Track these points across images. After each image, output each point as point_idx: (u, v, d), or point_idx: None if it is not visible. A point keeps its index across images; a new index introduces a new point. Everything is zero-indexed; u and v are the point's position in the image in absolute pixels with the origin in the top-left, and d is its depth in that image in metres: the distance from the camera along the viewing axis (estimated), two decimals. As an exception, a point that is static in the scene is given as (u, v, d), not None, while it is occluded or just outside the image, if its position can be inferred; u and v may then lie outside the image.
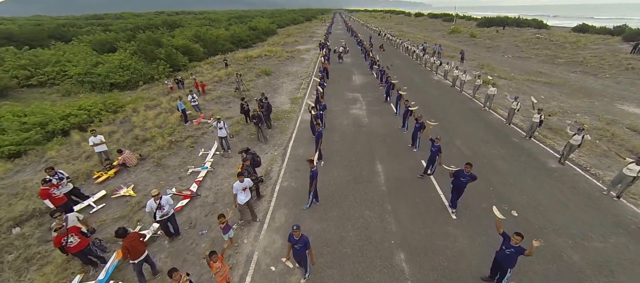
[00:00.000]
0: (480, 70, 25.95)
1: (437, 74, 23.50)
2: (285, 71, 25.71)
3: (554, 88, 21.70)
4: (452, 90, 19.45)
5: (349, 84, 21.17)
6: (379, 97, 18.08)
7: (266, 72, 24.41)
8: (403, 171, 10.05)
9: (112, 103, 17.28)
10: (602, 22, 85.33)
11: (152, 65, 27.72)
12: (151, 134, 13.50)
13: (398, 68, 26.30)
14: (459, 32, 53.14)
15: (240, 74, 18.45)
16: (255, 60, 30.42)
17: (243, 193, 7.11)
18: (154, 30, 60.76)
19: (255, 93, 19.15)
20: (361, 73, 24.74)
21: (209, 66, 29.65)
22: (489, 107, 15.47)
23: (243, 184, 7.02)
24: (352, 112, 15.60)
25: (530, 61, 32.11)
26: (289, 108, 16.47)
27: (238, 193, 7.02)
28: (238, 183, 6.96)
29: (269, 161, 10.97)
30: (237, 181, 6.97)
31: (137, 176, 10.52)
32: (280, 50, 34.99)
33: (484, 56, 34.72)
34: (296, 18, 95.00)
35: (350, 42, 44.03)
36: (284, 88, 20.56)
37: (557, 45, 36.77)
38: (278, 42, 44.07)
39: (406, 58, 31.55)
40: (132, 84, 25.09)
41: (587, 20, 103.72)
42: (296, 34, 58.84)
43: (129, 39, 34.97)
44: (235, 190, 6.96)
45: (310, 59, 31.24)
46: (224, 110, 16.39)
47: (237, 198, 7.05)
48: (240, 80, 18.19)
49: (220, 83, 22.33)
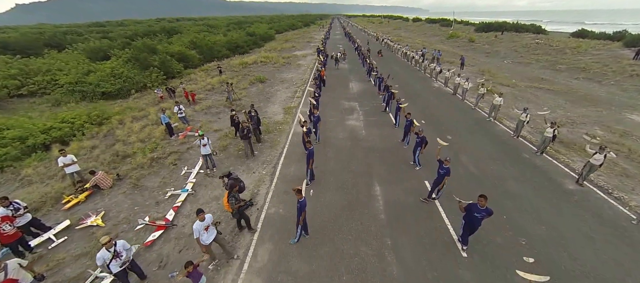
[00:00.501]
0: (481, 76, 24.87)
1: (437, 80, 22.38)
2: (280, 78, 24.59)
3: (559, 96, 20.58)
4: (453, 98, 18.31)
5: (345, 92, 20.04)
6: (377, 106, 16.93)
7: (260, 79, 23.30)
8: (404, 194, 8.87)
9: (96, 115, 16.11)
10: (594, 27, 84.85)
11: (146, 73, 26.64)
12: (133, 149, 12.34)
13: (397, 74, 25.20)
14: (457, 37, 52.18)
15: (230, 83, 17.28)
16: (250, 67, 29.33)
17: (206, 232, 5.93)
18: (152, 37, 60.05)
19: (248, 102, 18.02)
20: (358, 80, 23.63)
21: (203, 73, 28.56)
22: (494, 118, 14.32)
23: (204, 222, 5.85)
24: (348, 123, 14.44)
25: (530, 67, 31.03)
26: (282, 119, 15.31)
27: (200, 234, 5.84)
28: (198, 223, 5.78)
29: (255, 182, 9.78)
30: (197, 220, 5.80)
31: (110, 200, 9.33)
32: (276, 56, 33.92)
33: (484, 62, 33.67)
34: (294, 24, 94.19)
35: (347, 47, 43.04)
36: (277, 96, 19.42)
37: (557, 50, 35.73)
38: (275, 48, 43.06)
39: (405, 64, 30.49)
40: (124, 93, 23.99)
41: (580, 25, 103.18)
42: (294, 39, 57.90)
43: (124, 46, 33.92)
44: (197, 233, 5.77)
45: (307, 65, 30.16)
46: (214, 122, 15.23)
47: (200, 241, 5.87)
48: (231, 89, 17.01)
49: (213, 91, 21.19)
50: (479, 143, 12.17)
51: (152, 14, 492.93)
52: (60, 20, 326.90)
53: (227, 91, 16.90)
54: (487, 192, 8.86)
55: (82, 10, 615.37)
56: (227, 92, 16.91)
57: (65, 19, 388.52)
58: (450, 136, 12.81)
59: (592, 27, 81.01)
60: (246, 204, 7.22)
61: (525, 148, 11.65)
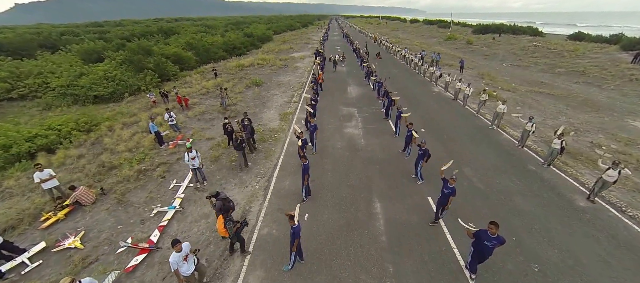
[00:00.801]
0: (480, 79, 24.34)
1: (437, 85, 21.77)
2: (277, 81, 23.90)
3: (559, 101, 20.08)
4: (454, 104, 17.72)
5: (343, 97, 19.40)
6: (376, 112, 16.29)
7: (256, 82, 22.60)
8: (406, 212, 8.25)
9: (85, 122, 15.34)
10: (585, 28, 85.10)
11: (140, 75, 25.86)
12: (120, 159, 11.63)
13: (395, 78, 24.60)
14: (455, 38, 51.71)
15: (224, 88, 16.55)
16: (247, 70, 28.60)
17: (185, 263, 5.28)
18: (149, 37, 59.04)
19: (243, 108, 17.33)
20: (357, 84, 22.99)
21: (199, 76, 27.79)
22: (498, 126, 13.73)
23: (182, 252, 5.20)
24: (346, 131, 13.80)
25: (529, 70, 30.59)
26: (278, 126, 14.64)
27: (179, 266, 5.19)
28: (175, 255, 5.13)
29: (248, 197, 9.12)
30: (174, 252, 5.15)
31: (92, 217, 8.64)
32: (273, 58, 33.21)
33: (482, 64, 33.17)
34: (293, 24, 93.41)
35: (345, 49, 42.40)
36: (273, 101, 18.74)
37: (555, 53, 35.32)
38: (272, 49, 42.34)
39: (404, 67, 29.90)
40: (117, 96, 23.22)
41: (571, 26, 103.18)
42: (292, 40, 57.18)
43: (119, 47, 33.07)
44: (175, 265, 5.11)
45: (305, 68, 29.49)
46: (206, 129, 14.52)
47: (179, 273, 5.21)
48: (225, 95, 16.29)
49: (207, 96, 20.47)
50: (482, 153, 11.58)
51: (151, 14, 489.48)
52: (59, 20, 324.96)
53: (221, 97, 16.18)
54: (493, 209, 8.35)
55: (81, 10, 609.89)
56: (221, 97, 16.19)
57: (64, 18, 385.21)
58: (453, 144, 12.22)
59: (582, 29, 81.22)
60: (242, 225, 6.58)
61: (531, 160, 11.08)
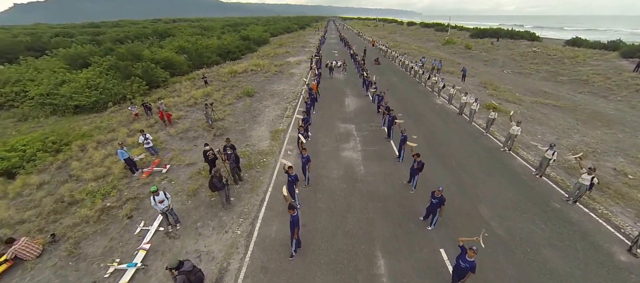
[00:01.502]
0: (484, 89, 22.83)
1: (439, 96, 20.14)
2: (271, 91, 22.17)
3: (567, 113, 18.63)
4: (459, 120, 16.13)
5: (341, 110, 17.72)
6: (376, 130, 14.64)
7: (248, 92, 20.83)
8: (416, 275, 6.62)
9: (53, 141, 13.50)
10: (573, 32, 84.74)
11: (126, 82, 23.99)
12: (84, 192, 9.87)
13: (395, 87, 22.99)
14: (453, 43, 50.25)
15: (210, 103, 14.76)
16: (240, 76, 26.81)
17: None
18: (144, 39, 56.85)
19: (231, 124, 15.61)
20: (355, 94, 21.32)
21: (189, 83, 25.95)
22: (510, 148, 12.19)
23: None
24: (344, 155, 12.14)
25: (531, 78, 29.18)
26: (267, 147, 12.94)
27: None
28: None
29: (226, 249, 7.44)
30: None
31: (33, 278, 6.92)
32: (268, 63, 31.43)
33: (483, 71, 31.71)
34: (290, 26, 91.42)
35: (343, 52, 40.73)
36: (265, 115, 17.02)
37: (556, 60, 33.98)
38: (268, 54, 40.52)
39: (403, 74, 28.29)
40: (100, 106, 21.36)
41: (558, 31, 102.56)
42: (288, 43, 55.32)
43: (107, 52, 31.06)
44: None
45: (300, 75, 27.78)
46: (188, 151, 12.78)
47: None
48: (211, 110, 14.51)
49: (195, 107, 18.70)
50: (498, 185, 10.01)
51: (150, 14, 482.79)
52: (57, 20, 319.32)
53: (206, 113, 14.39)
54: (521, 268, 6.53)
55: (80, 10, 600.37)
56: (206, 114, 14.40)
57: (62, 18, 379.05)
58: (463, 174, 10.64)
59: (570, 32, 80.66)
60: None
61: (554, 193, 9.52)
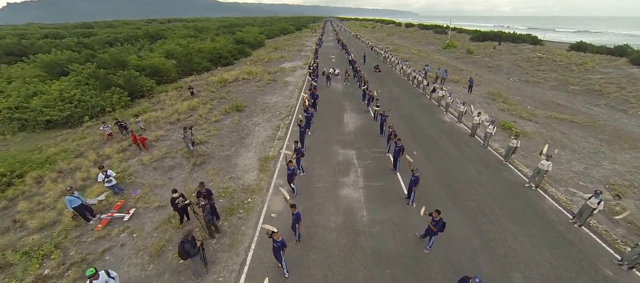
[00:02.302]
0: (493, 102, 21.06)
1: (447, 112, 18.30)
2: (263, 104, 20.22)
3: (587, 132, 16.91)
4: (472, 142, 14.29)
5: (339, 130, 15.79)
6: (380, 158, 12.72)
7: (237, 107, 18.85)
8: None
9: (3, 173, 11.45)
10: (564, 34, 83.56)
11: (106, 93, 21.96)
12: (19, 252, 7.90)
13: (398, 100, 21.15)
14: (454, 47, 48.55)
15: (190, 127, 12.73)
16: (230, 86, 24.80)
17: None
18: (134, 42, 54.56)
19: (215, 148, 13.63)
20: (355, 108, 19.40)
21: (175, 93, 23.92)
22: (537, 185, 10.37)
23: None
24: (343, 193, 10.22)
25: (540, 87, 27.51)
26: (254, 181, 10.99)
27: None
28: None
29: None
30: None
31: None
32: (261, 71, 29.44)
33: (488, 79, 29.99)
34: (286, 28, 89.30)
35: (340, 57, 38.86)
36: (255, 135, 15.08)
37: (563, 66, 32.38)
38: (262, 58, 38.52)
39: (405, 83, 26.43)
40: (75, 120, 19.34)
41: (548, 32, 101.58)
42: (284, 46, 53.32)
43: (88, 58, 28.90)
44: None
45: (295, 84, 25.86)
46: (161, 187, 10.79)
47: None
48: (190, 135, 12.53)
49: (178, 124, 16.70)
50: (530, 240, 8.16)
51: (145, 14, 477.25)
52: (51, 19, 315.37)
53: (185, 139, 12.39)
54: None
55: (75, 10, 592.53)
56: (185, 139, 12.41)
57: (56, 18, 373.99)
58: (487, 222, 8.80)
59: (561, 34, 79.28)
60: None
61: (601, 253, 7.71)
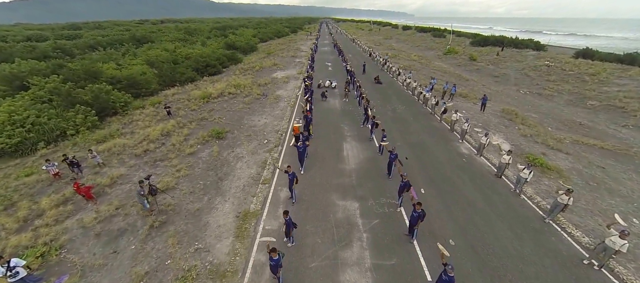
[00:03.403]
0: (510, 122, 18.55)
1: (463, 140, 15.64)
2: (249, 127, 17.42)
3: (624, 163, 14.47)
4: (500, 187, 11.66)
5: (338, 170, 12.84)
6: (390, 215, 9.83)
7: (218, 133, 16.00)
8: None
9: None
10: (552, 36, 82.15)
11: (70, 112, 19.01)
12: None
13: (403, 121, 18.49)
14: (456, 53, 46.21)
15: (146, 177, 9.71)
16: (214, 103, 21.92)
17: None
18: (118, 46, 51.26)
19: (182, 198, 10.75)
20: (356, 136, 16.46)
21: (152, 110, 20.98)
22: (602, 265, 7.76)
23: None
24: (344, 280, 7.53)
25: (554, 101, 25.16)
26: (226, 256, 8.15)
27: None
28: None
29: None
30: None
31: None
32: (250, 83, 26.60)
33: (497, 91, 27.58)
34: (281, 30, 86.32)
35: (337, 64, 36.18)
36: (235, 176, 12.28)
37: (574, 77, 30.16)
38: (253, 66, 35.65)
39: (409, 98, 23.79)
40: (27, 148, 16.38)
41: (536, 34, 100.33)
42: (277, 51, 50.46)
43: (55, 69, 25.76)
44: None
45: (288, 99, 23.10)
46: (100, 268, 7.92)
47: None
48: (146, 189, 9.60)
49: (144, 158, 13.83)
50: None
51: (139, 14, 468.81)
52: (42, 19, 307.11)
53: (142, 192, 9.46)
54: None
55: (67, 10, 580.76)
56: (141, 193, 9.48)
57: (48, 18, 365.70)
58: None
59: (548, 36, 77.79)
60: None
61: None
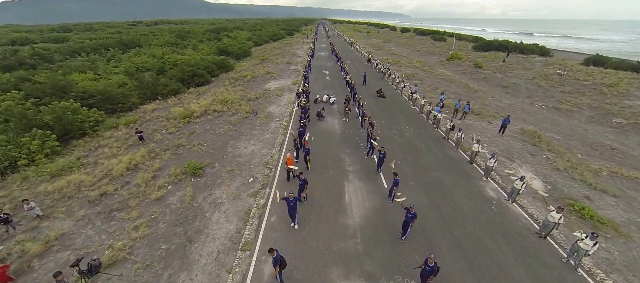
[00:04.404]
0: (534, 148, 16.08)
1: (487, 178, 12.96)
2: (232, 157, 14.75)
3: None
4: (546, 254, 9.12)
5: (339, 226, 10.02)
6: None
7: (194, 169, 13.31)
8: None
9: None
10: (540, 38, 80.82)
11: (25, 137, 16.29)
12: None
13: (413, 150, 15.95)
14: (459, 59, 43.92)
15: (74, 264, 6.94)
16: (195, 124, 19.19)
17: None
18: (103, 52, 48.29)
19: (133, 278, 8.12)
20: (360, 172, 13.52)
21: (125, 132, 18.25)
22: None
23: None
24: None
25: (575, 118, 22.79)
26: None
27: None
28: None
29: None
30: None
31: None
32: (239, 97, 23.92)
33: (509, 104, 25.19)
34: (276, 33, 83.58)
35: (335, 71, 33.65)
36: (208, 236, 9.63)
37: (590, 88, 27.92)
38: (245, 75, 32.96)
39: (416, 117, 21.26)
40: (-36, 183, 13.59)
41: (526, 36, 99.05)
42: (272, 57, 47.80)
43: (16, 84, 22.88)
44: None
45: (281, 116, 20.49)
46: None
47: None
48: (82, 278, 6.81)
49: (101, 203, 11.12)
50: None
51: (133, 15, 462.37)
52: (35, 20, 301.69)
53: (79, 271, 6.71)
54: None
55: (60, 11, 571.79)
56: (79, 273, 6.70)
57: (40, 19, 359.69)
58: None
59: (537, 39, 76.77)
60: None
61: None
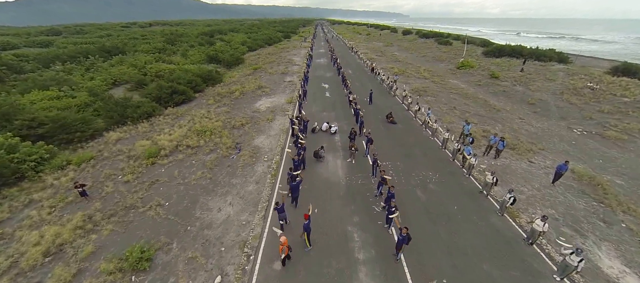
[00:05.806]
0: (599, 205, 12.17)
1: (563, 278, 9.04)
2: (200, 228, 10.76)
3: None
4: None
5: None
6: None
7: (137, 261, 9.22)
8: None
9: None
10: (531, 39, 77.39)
11: None
12: None
13: (442, 213, 11.96)
14: (471, 67, 40.01)
15: None
16: (160, 167, 15.14)
17: None
18: (83, 60, 44.20)
19: None
20: (376, 259, 9.55)
21: (72, 176, 14.23)
22: None
23: None
24: None
25: (630, 150, 18.73)
26: None
27: None
28: None
29: None
30: None
31: None
32: (221, 125, 19.86)
33: (542, 129, 21.23)
34: (273, 36, 79.54)
35: (334, 83, 29.75)
36: None
37: (634, 107, 24.02)
38: (233, 90, 28.95)
39: (437, 152, 17.40)
40: None
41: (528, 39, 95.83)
42: (266, 65, 43.82)
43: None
44: None
45: (271, 151, 16.55)
46: None
47: None
48: None
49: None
50: None
51: (128, 16, 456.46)
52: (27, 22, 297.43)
53: None
54: None
55: (54, 12, 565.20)
56: None
57: (33, 20, 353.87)
58: None
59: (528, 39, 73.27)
60: None
61: None
